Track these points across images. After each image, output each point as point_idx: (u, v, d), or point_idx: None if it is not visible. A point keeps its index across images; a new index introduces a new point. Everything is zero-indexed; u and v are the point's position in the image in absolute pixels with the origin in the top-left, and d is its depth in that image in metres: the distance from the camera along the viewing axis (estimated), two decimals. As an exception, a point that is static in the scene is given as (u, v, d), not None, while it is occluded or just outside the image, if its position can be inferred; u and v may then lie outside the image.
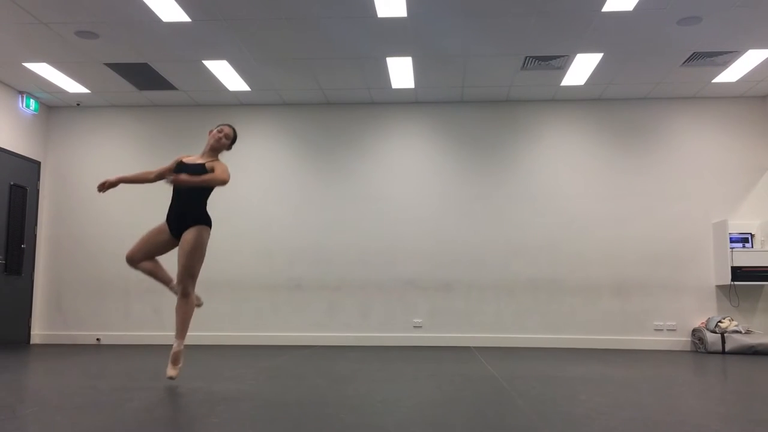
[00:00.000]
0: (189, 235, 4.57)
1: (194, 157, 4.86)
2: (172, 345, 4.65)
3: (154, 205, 9.39)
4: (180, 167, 4.75)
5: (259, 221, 9.27)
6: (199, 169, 4.68)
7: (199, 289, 9.17)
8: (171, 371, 4.49)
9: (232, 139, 4.96)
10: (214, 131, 4.87)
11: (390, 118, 9.39)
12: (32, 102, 9.16)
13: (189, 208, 4.65)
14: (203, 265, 10.06)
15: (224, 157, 9.45)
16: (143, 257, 4.70)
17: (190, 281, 4.61)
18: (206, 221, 4.68)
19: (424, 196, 9.19)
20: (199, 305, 4.91)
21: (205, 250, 4.68)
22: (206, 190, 4.72)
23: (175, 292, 4.73)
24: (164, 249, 4.75)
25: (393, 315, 9.02)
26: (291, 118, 9.47)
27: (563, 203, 9.09)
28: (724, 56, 7.67)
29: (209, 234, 4.70)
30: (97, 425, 3.07)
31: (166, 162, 9.45)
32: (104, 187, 4.73)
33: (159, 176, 4.83)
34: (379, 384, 4.71)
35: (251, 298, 9.12)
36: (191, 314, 4.69)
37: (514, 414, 3.45)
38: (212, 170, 4.66)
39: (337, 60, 7.83)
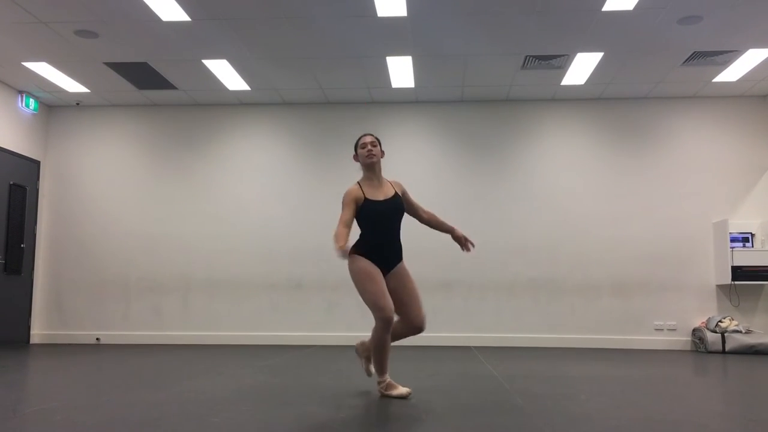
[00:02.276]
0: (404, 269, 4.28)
1: (370, 188, 4.20)
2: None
3: (154, 204, 9.38)
4: (371, 205, 4.14)
5: (259, 220, 9.26)
6: (398, 203, 4.26)
7: (199, 288, 9.19)
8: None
9: (380, 144, 4.34)
10: (362, 151, 4.21)
11: (390, 118, 9.38)
12: (32, 101, 9.15)
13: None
14: (203, 264, 10.06)
15: (220, 158, 9.45)
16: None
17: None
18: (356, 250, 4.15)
19: (424, 195, 9.18)
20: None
21: (358, 282, 4.08)
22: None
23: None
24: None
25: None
26: (291, 118, 9.47)
27: (563, 203, 9.09)
28: (725, 55, 7.66)
29: (353, 263, 4.12)
30: (97, 425, 3.07)
31: (166, 162, 9.45)
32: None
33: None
34: (379, 383, 4.70)
35: (251, 298, 9.12)
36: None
37: (515, 413, 3.44)
38: (404, 195, 4.39)
39: (337, 59, 7.82)
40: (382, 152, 4.31)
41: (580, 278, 8.93)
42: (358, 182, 4.22)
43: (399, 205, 4.27)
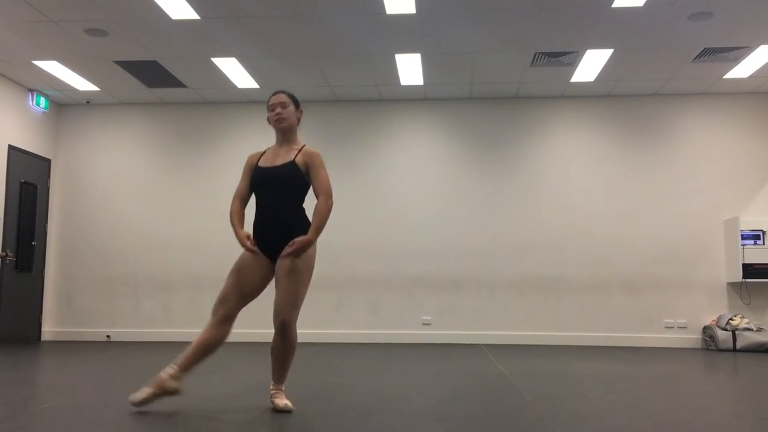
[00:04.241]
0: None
1: (271, 154, 3.57)
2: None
3: (164, 202, 9.41)
4: (257, 172, 3.54)
5: (268, 218, 9.26)
6: (288, 170, 3.46)
7: (208, 285, 9.21)
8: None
9: (296, 102, 3.69)
10: (271, 114, 3.59)
11: (398, 115, 9.37)
12: (42, 100, 9.20)
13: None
14: (212, 262, 10.05)
15: (229, 156, 9.46)
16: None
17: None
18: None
19: (433, 193, 9.17)
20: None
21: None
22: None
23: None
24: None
25: (402, 312, 9.01)
26: (300, 116, 9.46)
27: (572, 200, 9.05)
28: (736, 52, 7.61)
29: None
30: (107, 422, 3.08)
31: (175, 160, 9.49)
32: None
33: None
34: (388, 381, 4.71)
35: (260, 296, 9.12)
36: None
37: (524, 411, 3.43)
38: (310, 168, 3.49)
39: (346, 57, 7.82)
40: (300, 112, 3.64)
41: (589, 276, 8.89)
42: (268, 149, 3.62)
43: (287, 174, 3.42)
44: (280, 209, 3.44)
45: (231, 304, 3.44)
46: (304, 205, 3.54)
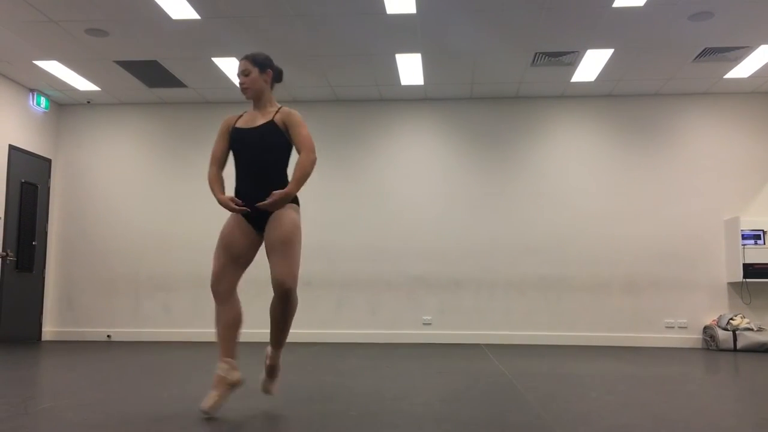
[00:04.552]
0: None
1: (248, 117, 3.45)
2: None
3: (164, 202, 9.41)
4: (235, 134, 3.42)
5: (268, 218, 9.27)
6: (268, 130, 3.35)
7: (208, 285, 9.19)
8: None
9: (261, 65, 3.41)
10: (240, 85, 3.44)
11: (399, 115, 9.37)
12: (43, 100, 9.20)
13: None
14: (211, 262, 10.06)
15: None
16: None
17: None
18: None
19: (433, 193, 9.18)
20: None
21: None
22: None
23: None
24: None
25: (402, 312, 9.01)
26: (300, 115, 9.46)
27: (573, 200, 9.05)
28: (736, 51, 7.60)
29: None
30: (108, 422, 3.08)
31: (176, 160, 9.49)
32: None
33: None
34: (388, 381, 4.71)
35: (259, 295, 9.13)
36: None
37: (524, 411, 3.43)
38: (286, 127, 3.38)
39: (347, 57, 7.82)
40: (267, 74, 3.42)
41: (590, 276, 8.89)
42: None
43: (267, 133, 3.32)
44: (262, 171, 3.31)
45: (228, 278, 3.34)
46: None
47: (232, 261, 3.34)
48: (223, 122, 3.50)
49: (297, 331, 9.03)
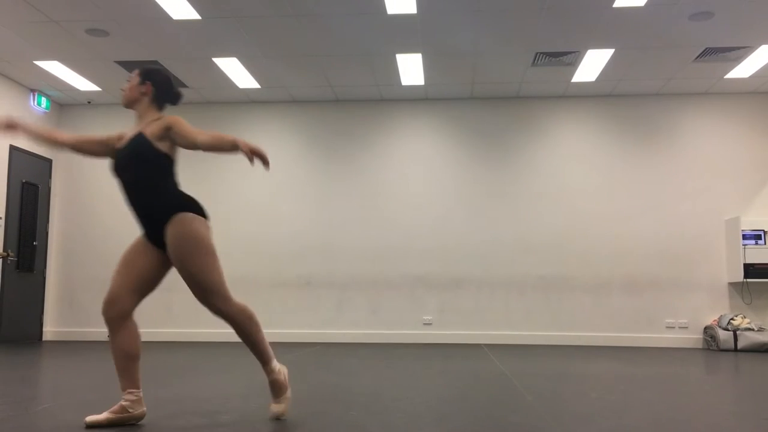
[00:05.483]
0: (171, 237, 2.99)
1: (129, 133, 3.16)
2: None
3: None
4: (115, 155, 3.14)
5: (268, 218, 9.28)
6: (134, 145, 3.04)
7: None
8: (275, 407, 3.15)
9: (143, 75, 3.18)
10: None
11: (399, 115, 9.38)
12: (44, 100, 9.21)
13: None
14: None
15: (228, 156, 9.46)
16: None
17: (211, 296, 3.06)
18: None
19: (434, 193, 9.18)
20: None
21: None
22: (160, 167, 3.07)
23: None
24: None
25: (402, 312, 9.01)
26: (300, 115, 9.48)
27: (573, 200, 9.05)
28: (737, 51, 7.60)
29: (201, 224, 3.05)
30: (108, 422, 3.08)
31: (179, 160, 9.48)
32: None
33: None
34: (388, 381, 4.71)
35: (261, 296, 9.14)
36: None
37: (525, 411, 3.43)
38: (163, 133, 3.04)
39: (347, 57, 7.82)
40: (147, 86, 3.15)
41: (590, 276, 8.89)
42: None
43: (134, 150, 3.01)
44: (140, 192, 3.01)
45: (122, 302, 3.08)
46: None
47: (129, 281, 3.09)
48: (118, 133, 3.23)
49: (297, 331, 9.04)
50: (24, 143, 8.89)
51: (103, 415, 2.97)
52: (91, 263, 9.40)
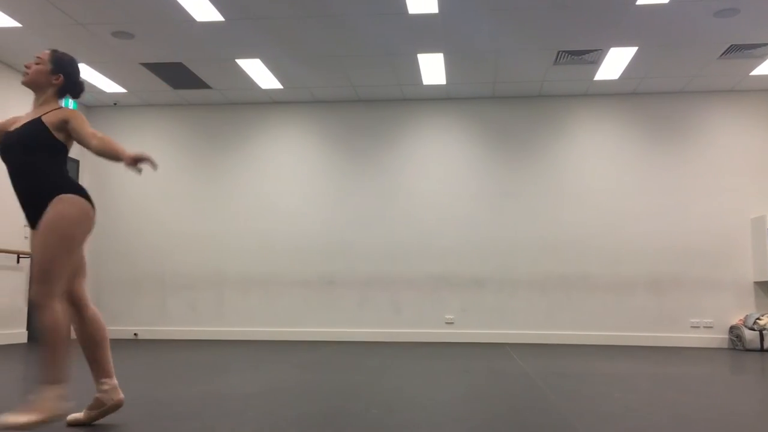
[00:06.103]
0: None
1: (25, 117, 3.09)
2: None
3: (189, 202, 9.52)
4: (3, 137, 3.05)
5: (291, 217, 9.35)
6: (24, 132, 2.95)
7: (233, 284, 9.30)
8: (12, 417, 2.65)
9: (56, 65, 3.09)
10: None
11: (421, 115, 9.39)
12: (71, 101, 9.35)
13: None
14: (237, 261, 10.13)
15: (252, 156, 9.54)
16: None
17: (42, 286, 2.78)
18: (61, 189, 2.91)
19: (456, 192, 9.18)
20: None
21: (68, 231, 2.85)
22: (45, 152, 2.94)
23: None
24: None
25: (425, 311, 9.03)
26: (323, 115, 9.53)
27: (596, 199, 9.00)
28: (762, 48, 7.50)
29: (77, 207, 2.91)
30: (135, 420, 3.14)
31: (200, 160, 9.60)
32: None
33: None
34: (411, 380, 4.73)
35: (284, 294, 9.21)
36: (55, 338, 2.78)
37: (548, 411, 3.44)
38: (61, 124, 2.97)
39: (369, 57, 7.85)
40: (58, 78, 3.07)
41: (613, 275, 8.83)
42: None
43: (29, 134, 2.93)
44: (27, 176, 2.90)
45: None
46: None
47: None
48: (12, 117, 3.16)
49: (319, 330, 9.09)
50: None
51: (83, 414, 2.97)
52: (117, 262, 9.54)
